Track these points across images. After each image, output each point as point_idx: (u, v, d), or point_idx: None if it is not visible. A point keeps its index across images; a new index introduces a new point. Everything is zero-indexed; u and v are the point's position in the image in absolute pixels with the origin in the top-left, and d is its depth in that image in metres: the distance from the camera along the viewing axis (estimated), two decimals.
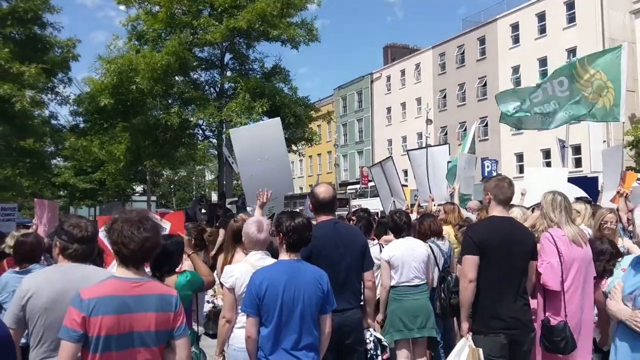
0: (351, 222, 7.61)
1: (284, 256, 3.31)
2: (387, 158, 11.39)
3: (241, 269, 3.57)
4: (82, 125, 20.83)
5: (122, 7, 19.37)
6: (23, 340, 2.98)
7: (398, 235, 5.38)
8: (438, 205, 8.48)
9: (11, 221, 12.65)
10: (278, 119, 6.60)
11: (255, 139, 5.81)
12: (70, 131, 21.66)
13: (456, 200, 7.39)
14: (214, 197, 33.18)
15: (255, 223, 3.72)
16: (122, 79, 17.47)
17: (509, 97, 9.38)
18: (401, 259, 5.14)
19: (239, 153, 5.90)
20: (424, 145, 34.32)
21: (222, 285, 3.71)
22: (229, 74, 20.07)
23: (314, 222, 3.85)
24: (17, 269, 4.15)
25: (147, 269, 3.69)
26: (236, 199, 12.95)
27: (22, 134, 18.44)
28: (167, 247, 3.72)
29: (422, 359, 5.22)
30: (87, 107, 19.16)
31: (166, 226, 5.16)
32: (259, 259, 3.60)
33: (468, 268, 3.84)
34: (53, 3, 18.52)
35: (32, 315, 2.82)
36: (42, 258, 4.72)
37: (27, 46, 17.90)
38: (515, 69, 36.01)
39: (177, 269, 4.07)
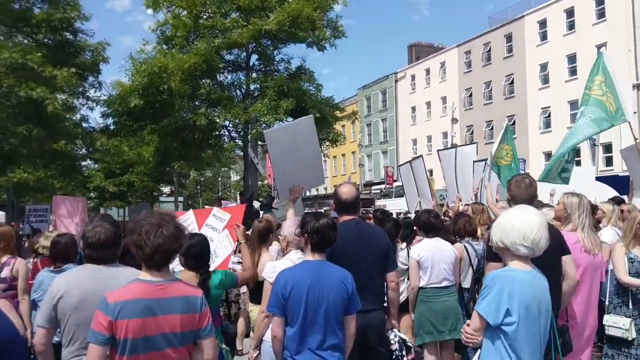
0: (365, 220, 7.58)
1: (309, 256, 3.33)
2: (418, 157, 11.30)
3: (284, 265, 3.64)
4: (112, 128, 21.27)
5: (149, 11, 19.69)
6: (56, 339, 3.06)
7: (428, 235, 5.30)
8: (465, 205, 8.38)
9: (44, 222, 13.05)
10: (311, 116, 6.56)
11: (289, 138, 5.78)
12: (100, 133, 22.16)
13: (491, 198, 7.26)
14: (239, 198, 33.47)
15: (295, 223, 3.81)
16: (152, 80, 17.71)
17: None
18: (431, 260, 5.06)
19: (274, 153, 5.86)
20: (449, 145, 33.98)
21: (243, 285, 3.74)
22: (254, 75, 20.22)
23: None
24: (52, 267, 4.35)
25: (178, 266, 3.73)
26: (261, 199, 13.03)
27: (54, 136, 18.88)
28: (192, 247, 3.71)
29: None
30: (117, 109, 19.50)
31: (225, 217, 5.56)
32: (300, 258, 3.66)
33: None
34: (83, 11, 18.96)
35: (63, 315, 2.89)
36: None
37: (58, 50, 18.36)
38: (544, 67, 35.39)
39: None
